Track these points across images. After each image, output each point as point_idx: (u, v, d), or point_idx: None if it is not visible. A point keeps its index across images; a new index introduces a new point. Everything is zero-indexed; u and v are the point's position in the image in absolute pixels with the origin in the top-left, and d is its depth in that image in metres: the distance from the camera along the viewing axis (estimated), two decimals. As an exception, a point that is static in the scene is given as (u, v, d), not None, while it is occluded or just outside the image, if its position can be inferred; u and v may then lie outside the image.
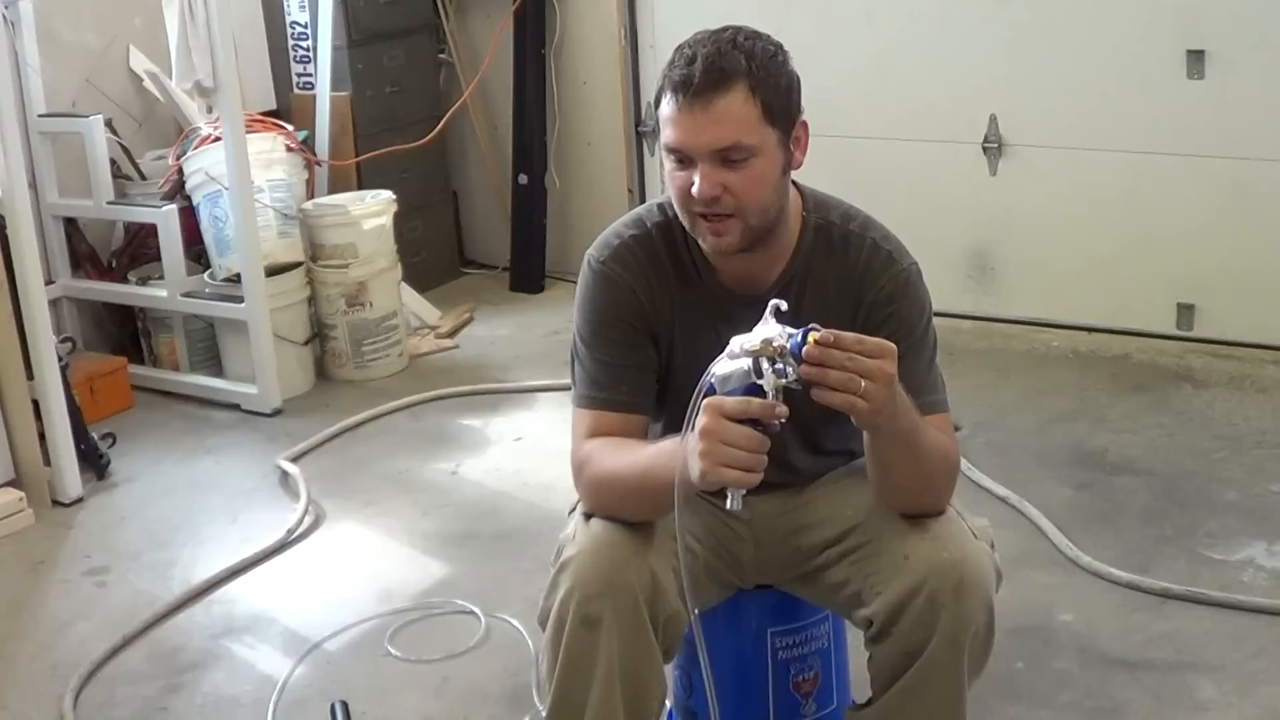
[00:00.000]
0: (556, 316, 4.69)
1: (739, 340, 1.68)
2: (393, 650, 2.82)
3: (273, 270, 4.11)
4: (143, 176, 4.37)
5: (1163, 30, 4.01)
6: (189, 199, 4.16)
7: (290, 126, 4.41)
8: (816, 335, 1.64)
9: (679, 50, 1.86)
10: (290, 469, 3.63)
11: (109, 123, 4.24)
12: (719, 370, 1.69)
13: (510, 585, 3.00)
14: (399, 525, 3.37)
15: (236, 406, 4.10)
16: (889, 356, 1.67)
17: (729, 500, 1.69)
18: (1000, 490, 3.27)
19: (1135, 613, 2.79)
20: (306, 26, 4.77)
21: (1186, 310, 4.17)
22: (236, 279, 4.04)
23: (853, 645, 2.22)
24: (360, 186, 4.67)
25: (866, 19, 4.43)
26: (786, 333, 1.66)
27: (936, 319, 2.01)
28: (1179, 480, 3.33)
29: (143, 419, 4.06)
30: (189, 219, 4.17)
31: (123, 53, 4.49)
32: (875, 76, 4.46)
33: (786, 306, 1.68)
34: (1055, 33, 4.19)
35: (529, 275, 5.09)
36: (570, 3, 4.93)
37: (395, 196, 4.40)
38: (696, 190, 1.84)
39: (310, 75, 4.81)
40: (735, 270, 1.97)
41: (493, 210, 5.29)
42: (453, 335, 4.69)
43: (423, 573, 3.14)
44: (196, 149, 4.12)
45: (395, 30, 4.92)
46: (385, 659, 2.80)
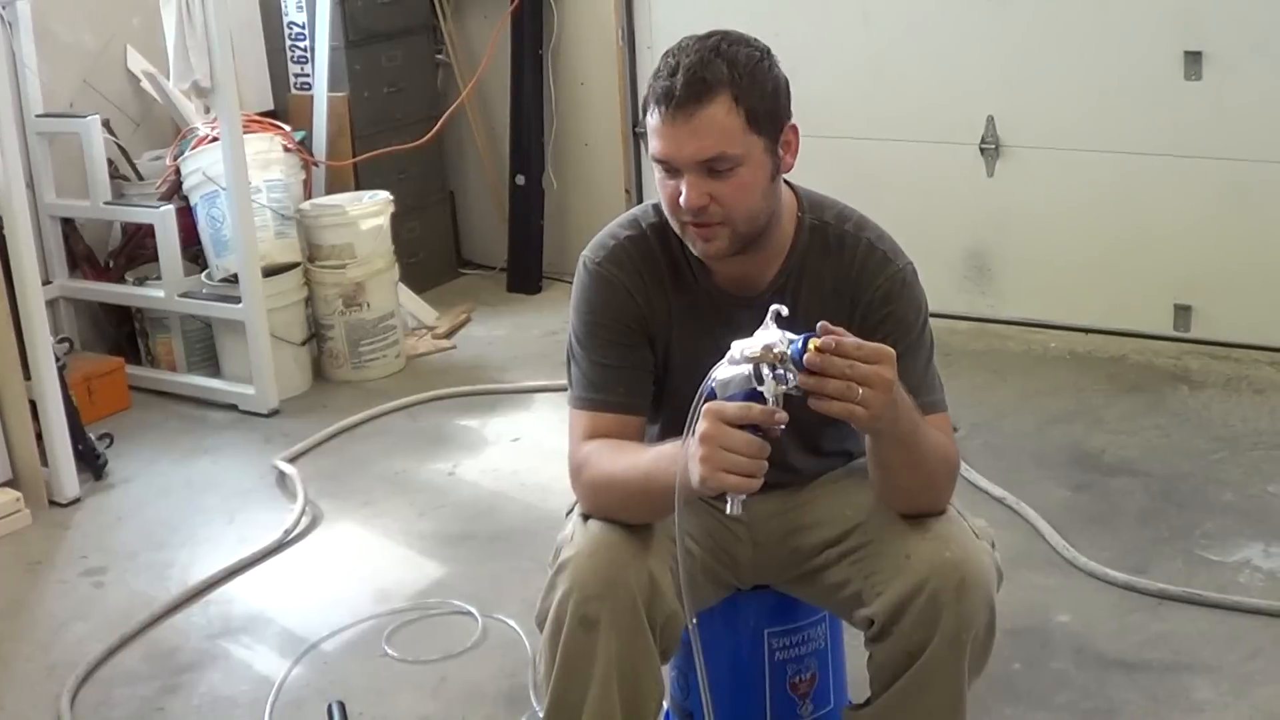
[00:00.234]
0: (554, 317, 4.68)
1: (739, 345, 1.67)
2: (390, 651, 2.81)
3: (270, 271, 4.11)
4: (140, 177, 4.36)
5: (1160, 32, 4.01)
6: (186, 199, 4.17)
7: (288, 127, 4.41)
8: (818, 342, 1.63)
9: (664, 59, 1.85)
10: (287, 469, 3.62)
11: (106, 123, 4.24)
12: (719, 375, 1.68)
13: (507, 586, 3.00)
14: (396, 526, 3.37)
15: (234, 407, 4.09)
16: (887, 362, 1.67)
17: (729, 505, 1.68)
18: (997, 491, 3.27)
19: (1132, 614, 2.79)
20: (304, 27, 4.77)
21: (1183, 311, 4.17)
22: (234, 279, 4.04)
23: (850, 645, 2.22)
24: (358, 187, 4.67)
25: (864, 20, 4.43)
26: (787, 339, 1.65)
27: (933, 320, 2.00)
28: (1176, 481, 3.33)
29: (140, 419, 4.05)
30: (186, 219, 4.17)
31: (120, 53, 4.48)
32: (873, 77, 4.46)
33: (787, 312, 1.67)
34: (1052, 34, 4.19)
35: (526, 276, 5.09)
36: (568, 3, 4.93)
37: (393, 197, 4.39)
38: (684, 201, 1.84)
39: (308, 76, 4.81)
40: (730, 271, 1.97)
41: (490, 211, 5.29)
42: (450, 336, 4.69)
43: (420, 573, 3.14)
44: (194, 149, 4.13)
45: (393, 31, 4.91)
46: (382, 659, 2.79)
